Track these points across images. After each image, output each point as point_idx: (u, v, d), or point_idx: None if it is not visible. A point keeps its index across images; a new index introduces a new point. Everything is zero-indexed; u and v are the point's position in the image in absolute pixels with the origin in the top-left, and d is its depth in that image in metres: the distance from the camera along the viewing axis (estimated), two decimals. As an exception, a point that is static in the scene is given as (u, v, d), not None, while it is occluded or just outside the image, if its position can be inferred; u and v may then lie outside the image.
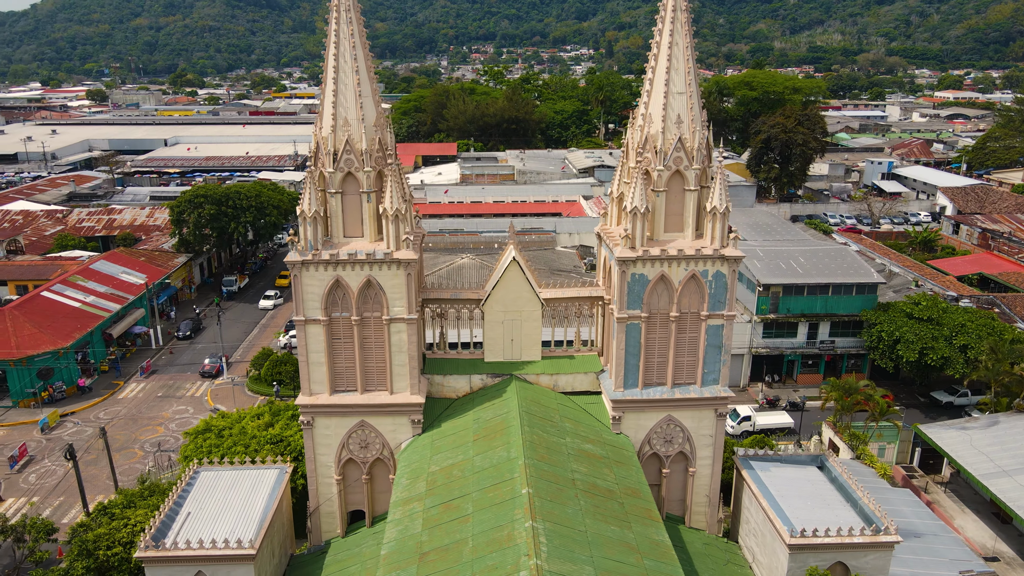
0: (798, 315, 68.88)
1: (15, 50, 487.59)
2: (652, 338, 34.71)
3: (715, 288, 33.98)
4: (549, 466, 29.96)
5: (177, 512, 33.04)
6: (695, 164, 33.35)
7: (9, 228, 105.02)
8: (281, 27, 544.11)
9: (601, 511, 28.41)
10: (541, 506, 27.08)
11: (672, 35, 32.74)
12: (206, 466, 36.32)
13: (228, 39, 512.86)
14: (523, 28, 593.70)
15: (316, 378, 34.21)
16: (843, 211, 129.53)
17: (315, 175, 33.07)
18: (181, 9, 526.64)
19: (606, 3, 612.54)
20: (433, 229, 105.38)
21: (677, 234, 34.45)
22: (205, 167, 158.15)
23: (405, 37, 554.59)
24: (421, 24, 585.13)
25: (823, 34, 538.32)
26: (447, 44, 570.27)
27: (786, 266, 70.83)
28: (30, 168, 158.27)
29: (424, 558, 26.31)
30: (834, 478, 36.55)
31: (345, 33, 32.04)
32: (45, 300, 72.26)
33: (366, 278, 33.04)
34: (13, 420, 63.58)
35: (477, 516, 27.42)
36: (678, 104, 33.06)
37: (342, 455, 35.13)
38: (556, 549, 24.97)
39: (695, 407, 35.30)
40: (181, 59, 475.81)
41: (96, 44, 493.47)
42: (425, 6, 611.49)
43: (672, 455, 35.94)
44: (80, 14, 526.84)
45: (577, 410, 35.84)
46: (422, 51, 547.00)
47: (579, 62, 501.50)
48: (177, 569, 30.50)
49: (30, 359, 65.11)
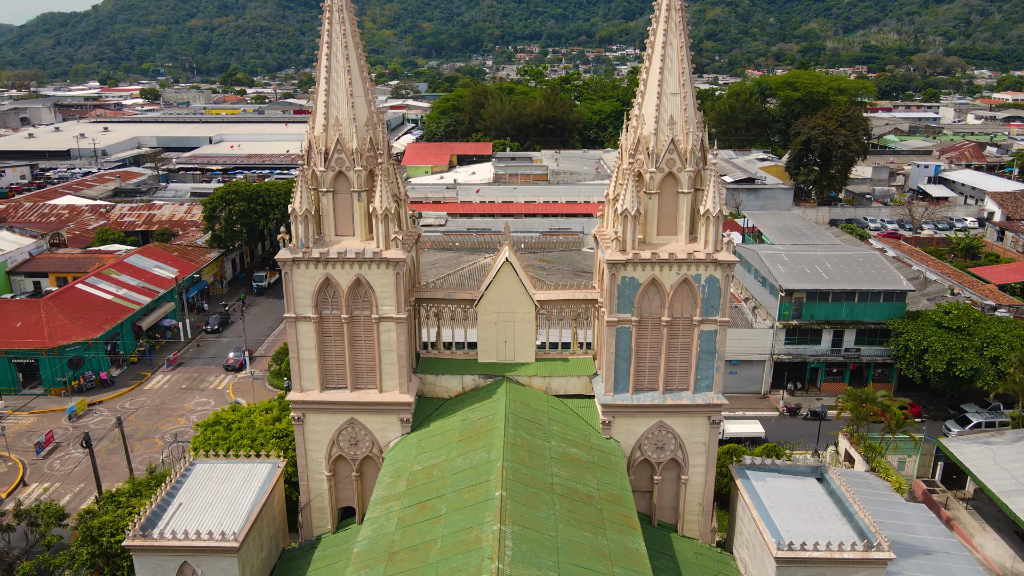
0: (822, 322, 67.17)
1: (77, 50, 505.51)
2: (643, 342, 34.20)
3: (708, 293, 33.31)
4: (528, 469, 29.75)
5: (169, 503, 33.72)
6: (688, 166, 32.72)
7: (55, 222, 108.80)
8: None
9: (576, 516, 28.09)
10: (513, 509, 26.90)
11: (666, 35, 32.20)
12: (202, 458, 37.03)
13: (278, 39, 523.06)
14: (569, 28, 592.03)
15: (307, 375, 34.59)
16: (884, 215, 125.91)
17: (307, 174, 33.42)
18: (234, 10, 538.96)
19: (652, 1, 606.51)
20: (461, 228, 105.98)
21: (670, 237, 33.88)
22: (246, 164, 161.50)
23: (451, 37, 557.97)
24: (467, 24, 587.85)
25: (878, 33, 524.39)
26: (492, 44, 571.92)
27: (811, 271, 69.13)
28: (81, 164, 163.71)
29: (393, 557, 26.37)
30: (832, 491, 35.53)
31: (337, 33, 32.30)
32: (79, 292, 74.63)
33: (356, 276, 33.28)
34: (43, 407, 65.80)
35: (449, 517, 27.38)
36: (671, 105, 32.47)
37: (332, 452, 35.46)
38: (522, 553, 24.76)
39: (687, 414, 34.66)
40: (233, 59, 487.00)
41: (153, 44, 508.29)
42: (471, 6, 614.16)
43: (664, 462, 35.37)
44: (138, 15, 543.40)
45: (568, 413, 35.53)
46: (467, 51, 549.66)
47: (625, 62, 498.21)
48: (163, 559, 31.14)
49: (61, 349, 67.32)
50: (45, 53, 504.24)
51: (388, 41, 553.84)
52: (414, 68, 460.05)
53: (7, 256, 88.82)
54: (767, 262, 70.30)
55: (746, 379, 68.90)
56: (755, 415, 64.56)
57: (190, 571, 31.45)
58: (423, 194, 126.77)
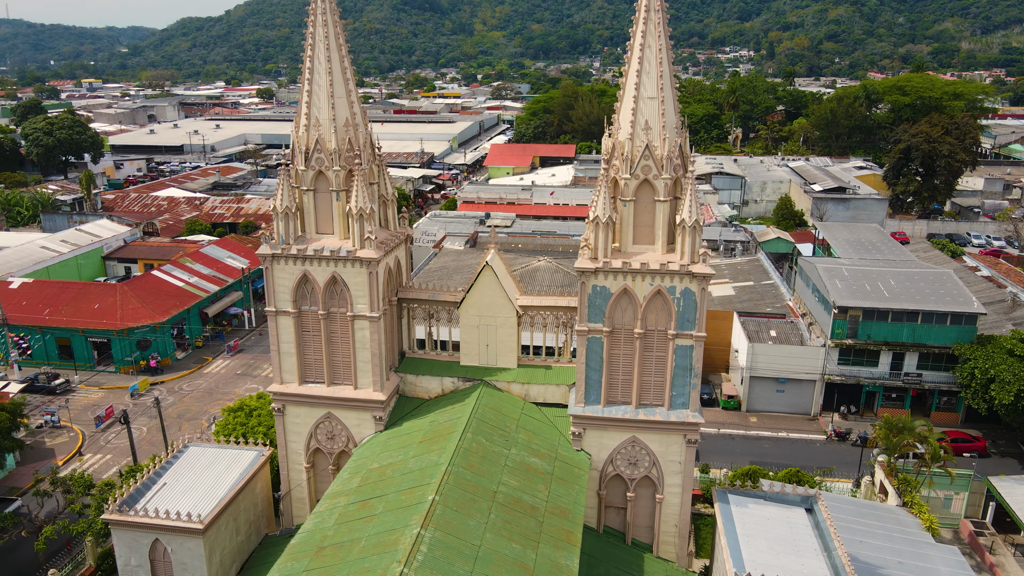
0: (879, 343, 62.81)
1: (210, 52, 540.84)
2: (616, 354, 33.14)
3: (683, 306, 31.89)
4: (473, 475, 29.48)
5: (155, 482, 35.61)
6: (665, 173, 31.42)
7: (154, 212, 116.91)
8: (441, 29, 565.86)
9: (510, 527, 27.59)
10: (441, 515, 26.75)
11: (644, 36, 31.13)
12: (196, 442, 38.83)
13: (392, 41, 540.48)
14: (680, 29, 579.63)
15: (287, 367, 35.64)
16: (991, 231, 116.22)
17: (291, 172, 34.42)
18: (352, 13, 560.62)
19: (771, 2, 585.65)
20: (527, 230, 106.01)
21: (647, 247, 32.67)
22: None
23: (559, 39, 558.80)
24: (576, 25, 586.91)
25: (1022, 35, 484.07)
26: (601, 45, 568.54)
27: (871, 288, 64.83)
28: (192, 159, 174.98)
29: (320, 552, 26.79)
30: (818, 523, 33.28)
31: (320, 35, 33.09)
32: (154, 279, 79.85)
33: (331, 274, 33.99)
34: (111, 384, 70.81)
35: (381, 517, 27.52)
36: (648, 109, 31.30)
37: (311, 444, 36.38)
38: (434, 560, 24.59)
39: (662, 431, 33.31)
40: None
41: (277, 46, 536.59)
42: (582, 7, 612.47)
43: (637, 478, 34.15)
44: (265, 19, 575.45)
45: (541, 422, 34.93)
46: (576, 52, 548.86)
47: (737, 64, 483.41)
48: (137, 534, 32.91)
49: (131, 331, 72.27)
50: (182, 55, 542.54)
51: (497, 43, 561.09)
52: (520, 70, 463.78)
53: (104, 242, 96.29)
54: (824, 276, 66.49)
55: (794, 399, 65.45)
56: (808, 437, 61.30)
57: (161, 548, 33.09)
58: (498, 195, 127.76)
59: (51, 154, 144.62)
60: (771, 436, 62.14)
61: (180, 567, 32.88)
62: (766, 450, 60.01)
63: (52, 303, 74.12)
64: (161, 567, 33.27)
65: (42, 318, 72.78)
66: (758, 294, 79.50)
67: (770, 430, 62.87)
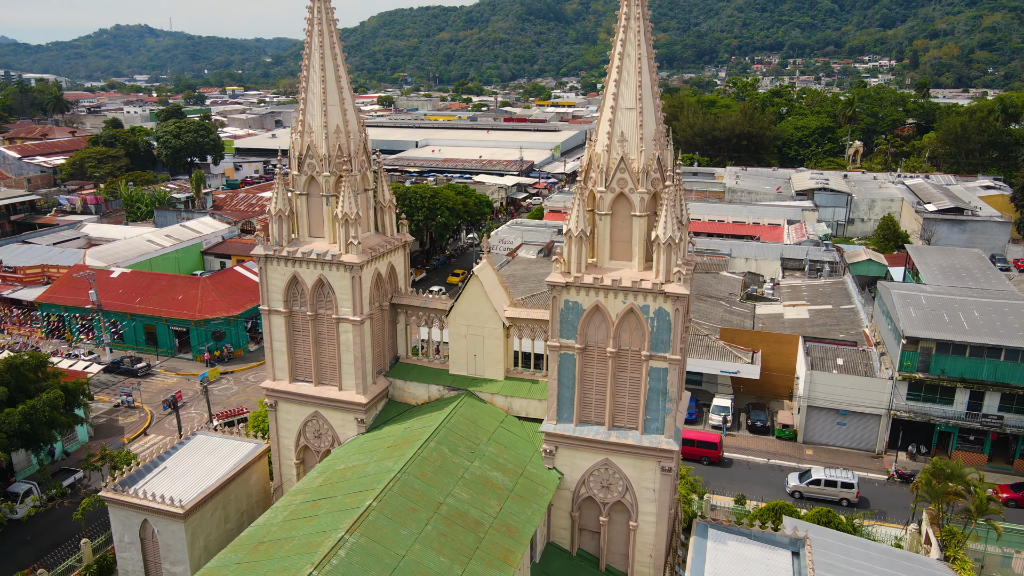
0: (955, 379, 57.31)
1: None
2: (588, 372, 32.05)
3: (657, 327, 30.40)
4: (423, 484, 29.34)
5: (158, 465, 37.75)
6: (640, 187, 30.10)
7: (257, 211, 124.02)
8: (565, 39, 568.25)
9: (445, 540, 27.23)
10: (374, 521, 26.80)
11: (624, 46, 29.95)
12: (203, 431, 40.83)
13: (515, 50, 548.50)
14: (815, 37, 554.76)
15: (279, 365, 36.84)
16: None
17: (288, 178, 35.63)
18: (479, 23, 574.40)
19: (919, 8, 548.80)
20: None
21: (624, 263, 31.41)
22: (440, 168, 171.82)
23: (685, 47, 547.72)
24: (704, 34, 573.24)
25: None
26: (728, 55, 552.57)
27: (950, 318, 59.32)
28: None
29: (257, 547, 27.47)
30: (800, 570, 30.73)
31: (315, 44, 34.10)
32: (234, 274, 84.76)
33: (318, 276, 34.86)
34: (187, 371, 75.69)
35: (321, 518, 27.89)
36: (626, 121, 30.10)
37: (300, 441, 37.41)
38: (348, 565, 24.67)
39: (636, 455, 31.87)
40: (472, 68, 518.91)
41: (405, 56, 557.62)
42: (710, 15, 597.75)
43: (610, 503, 32.83)
44: (396, 29, 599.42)
45: (518, 437, 34.29)
46: (701, 62, 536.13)
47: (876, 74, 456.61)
48: (129, 513, 34.99)
49: (207, 322, 77.00)
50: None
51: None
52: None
53: (203, 238, 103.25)
54: (897, 303, 61.51)
55: (856, 433, 60.84)
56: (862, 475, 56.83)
57: (150, 529, 35.00)
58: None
59: (178, 155, 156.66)
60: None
61: (165, 547, 34.65)
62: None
63: (143, 292, 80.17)
64: (150, 546, 35.19)
65: (133, 306, 78.84)
66: (834, 319, 74.60)
67: (825, 464, 58.62)
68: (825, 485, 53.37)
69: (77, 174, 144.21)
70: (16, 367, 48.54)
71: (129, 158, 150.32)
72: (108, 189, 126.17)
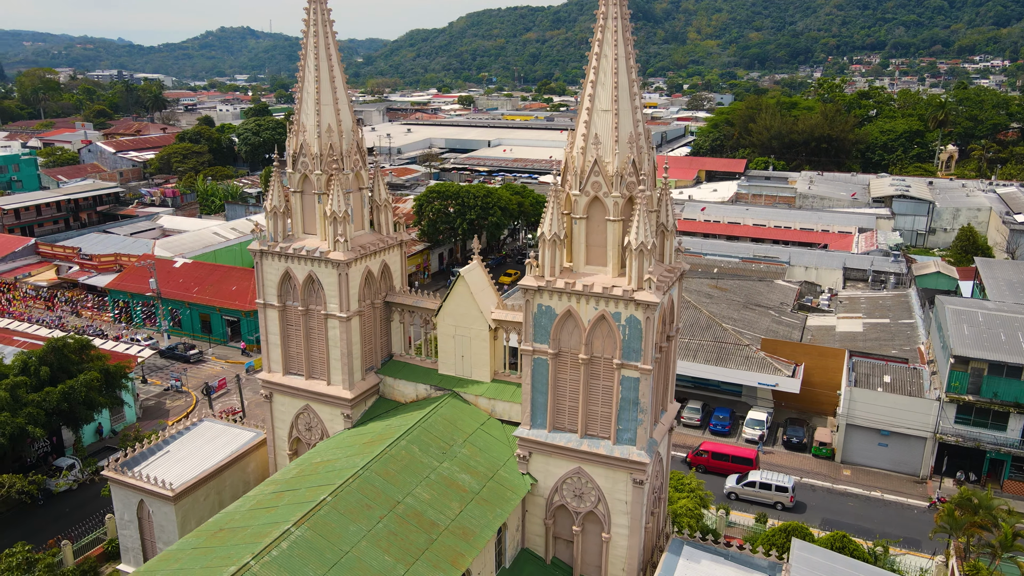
0: (1009, 403, 53.30)
1: (431, 61, 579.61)
2: (562, 378, 31.42)
3: (628, 335, 29.51)
4: (384, 482, 29.49)
5: (161, 448, 39.41)
6: (615, 191, 29.26)
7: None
8: (653, 38, 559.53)
9: (394, 540, 27.27)
10: (325, 516, 27.14)
11: (601, 46, 29.21)
12: (210, 417, 42.32)
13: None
14: (921, 36, 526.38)
15: (273, 357, 37.80)
16: None
17: (284, 175, 36.50)
18: (566, 23, 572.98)
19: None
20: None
21: (599, 268, 30.62)
22: (509, 168, 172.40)
23: (779, 47, 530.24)
24: (799, 33, 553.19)
25: None
26: (825, 54, 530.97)
27: (1007, 337, 55.18)
28: (379, 160, 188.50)
29: (217, 534, 28.25)
30: (772, 596, 29.22)
31: (311, 44, 34.76)
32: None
33: (308, 272, 35.57)
34: (235, 359, 78.73)
35: (280, 509, 28.44)
36: (601, 122, 29.33)
37: (293, 432, 38.27)
38: (287, 558, 25.07)
39: (607, 465, 31.05)
40: (557, 68, 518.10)
41: (491, 56, 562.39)
42: (807, 14, 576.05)
43: (583, 512, 32.11)
44: (484, 30, 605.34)
45: (495, 440, 33.99)
46: (795, 62, 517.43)
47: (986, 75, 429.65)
48: (128, 493, 36.69)
49: (255, 312, 79.75)
50: (407, 64, 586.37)
51: (710, 52, 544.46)
52: (731, 80, 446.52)
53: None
54: (950, 319, 57.71)
55: (899, 456, 57.41)
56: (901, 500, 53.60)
57: (146, 509, 36.59)
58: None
59: (257, 152, 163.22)
60: (860, 494, 55.05)
61: (159, 527, 36.16)
62: (849, 509, 53.29)
63: (201, 282, 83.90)
64: (146, 525, 36.80)
65: (191, 295, 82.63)
66: (889, 334, 70.66)
67: (863, 487, 55.71)
68: (760, 487, 52.11)
69: (164, 168, 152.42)
70: (59, 349, 51.62)
71: (212, 154, 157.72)
72: (186, 183, 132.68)
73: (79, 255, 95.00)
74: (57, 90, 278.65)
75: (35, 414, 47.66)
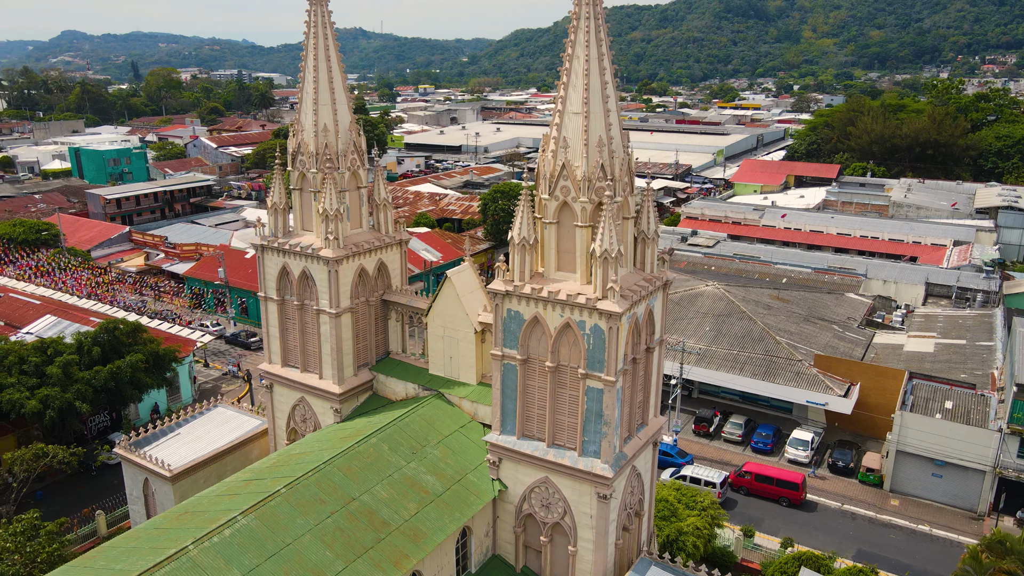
0: (1079, 439, 48.24)
1: (534, 60, 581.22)
2: (531, 385, 30.75)
3: (593, 344, 28.55)
4: (344, 478, 29.81)
5: (172, 431, 41.37)
6: (583, 196, 28.34)
7: (400, 204, 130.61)
8: (764, 37, 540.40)
9: (340, 536, 27.50)
10: (275, 507, 27.72)
11: (573, 47, 28.39)
12: (224, 403, 44.07)
13: (709, 49, 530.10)
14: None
15: (273, 349, 38.93)
16: None
17: (284, 173, 37.52)
18: (673, 22, 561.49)
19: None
20: (726, 253, 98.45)
21: (569, 274, 29.76)
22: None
23: (901, 46, 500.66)
24: (926, 31, 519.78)
25: None
26: (955, 54, 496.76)
27: (1084, 368, 49.90)
28: (465, 158, 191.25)
29: (181, 516, 29.38)
30: (731, 628, 27.54)
31: (311, 46, 35.54)
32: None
33: (303, 268, 36.42)
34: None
35: (241, 497, 29.24)
36: (571, 125, 28.50)
37: (290, 423, 39.31)
38: (228, 546, 25.75)
39: (573, 477, 30.19)
40: (662, 69, 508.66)
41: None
42: (935, 10, 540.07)
43: (550, 523, 31.37)
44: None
45: (471, 444, 33.69)
46: (919, 61, 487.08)
47: None
48: (135, 471, 38.78)
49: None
50: (510, 63, 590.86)
51: (826, 51, 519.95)
52: (847, 80, 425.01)
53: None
54: (1021, 344, 52.74)
55: (954, 489, 53.01)
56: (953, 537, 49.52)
57: (150, 487, 38.53)
58: (724, 213, 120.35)
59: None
60: (906, 526, 51.17)
61: (160, 505, 38.01)
62: (890, 542, 49.62)
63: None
64: (151, 502, 38.76)
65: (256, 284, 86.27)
66: (962, 356, 65.36)
67: (910, 519, 51.77)
68: (690, 482, 50.06)
69: (259, 163, 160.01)
70: (111, 330, 55.10)
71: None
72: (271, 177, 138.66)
73: (164, 243, 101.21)
74: (179, 88, 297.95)
75: (83, 390, 51.03)
